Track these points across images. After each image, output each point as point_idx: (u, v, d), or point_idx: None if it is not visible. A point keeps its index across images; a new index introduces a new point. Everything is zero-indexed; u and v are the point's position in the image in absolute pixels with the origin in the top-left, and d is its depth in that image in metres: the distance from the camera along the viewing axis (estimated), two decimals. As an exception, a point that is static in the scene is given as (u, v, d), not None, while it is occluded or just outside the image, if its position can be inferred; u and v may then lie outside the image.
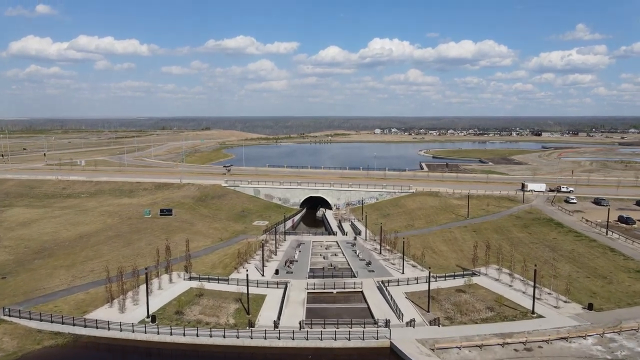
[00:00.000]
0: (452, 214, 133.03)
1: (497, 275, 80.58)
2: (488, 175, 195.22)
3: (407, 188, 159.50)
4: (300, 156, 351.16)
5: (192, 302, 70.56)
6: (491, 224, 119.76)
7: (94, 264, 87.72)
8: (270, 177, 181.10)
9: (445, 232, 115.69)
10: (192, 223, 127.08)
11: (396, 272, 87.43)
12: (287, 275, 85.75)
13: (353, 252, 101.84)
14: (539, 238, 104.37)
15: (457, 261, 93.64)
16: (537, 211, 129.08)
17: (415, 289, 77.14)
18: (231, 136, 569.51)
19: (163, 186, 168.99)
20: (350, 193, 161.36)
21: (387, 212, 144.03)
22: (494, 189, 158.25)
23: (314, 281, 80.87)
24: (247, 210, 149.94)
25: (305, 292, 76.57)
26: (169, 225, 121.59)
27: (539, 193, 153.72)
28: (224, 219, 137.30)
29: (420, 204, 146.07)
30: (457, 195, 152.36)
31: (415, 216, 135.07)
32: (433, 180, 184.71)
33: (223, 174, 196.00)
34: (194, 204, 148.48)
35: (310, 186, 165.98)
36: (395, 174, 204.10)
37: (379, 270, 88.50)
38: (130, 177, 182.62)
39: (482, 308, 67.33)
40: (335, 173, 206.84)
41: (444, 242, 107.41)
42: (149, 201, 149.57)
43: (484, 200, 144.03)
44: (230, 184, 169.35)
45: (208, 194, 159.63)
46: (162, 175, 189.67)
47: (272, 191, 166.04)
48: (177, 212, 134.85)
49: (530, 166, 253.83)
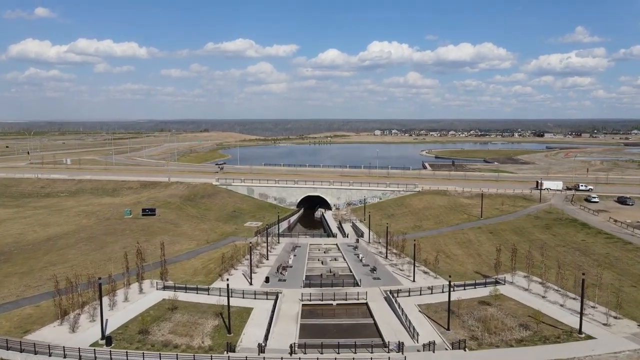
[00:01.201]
0: (463, 214, 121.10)
1: (525, 284, 68.51)
2: (498, 174, 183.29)
3: (412, 186, 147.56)
4: (298, 156, 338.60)
5: (162, 317, 58.47)
6: (508, 224, 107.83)
7: (56, 270, 75.46)
8: (265, 176, 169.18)
9: (457, 234, 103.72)
10: (177, 224, 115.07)
11: (406, 279, 75.37)
12: (279, 283, 73.70)
13: (355, 257, 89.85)
14: (565, 240, 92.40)
15: (475, 267, 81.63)
16: (558, 211, 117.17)
17: (430, 300, 65.07)
18: (229, 138, 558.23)
19: (149, 185, 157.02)
20: (351, 192, 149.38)
21: (391, 212, 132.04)
22: (506, 187, 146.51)
23: (310, 291, 68.84)
24: (239, 211, 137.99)
25: (299, 304, 64.54)
26: (150, 226, 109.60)
27: (556, 191, 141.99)
28: (212, 220, 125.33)
29: (427, 203, 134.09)
30: (467, 194, 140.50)
31: (422, 216, 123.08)
32: (440, 178, 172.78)
33: (215, 172, 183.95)
34: (181, 203, 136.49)
35: (308, 185, 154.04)
36: (398, 172, 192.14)
37: (385, 278, 76.43)
38: (115, 175, 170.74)
39: (514, 325, 55.23)
40: (334, 172, 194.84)
41: (457, 245, 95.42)
42: (133, 200, 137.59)
43: (496, 199, 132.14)
44: (222, 182, 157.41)
45: (197, 193, 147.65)
46: (150, 173, 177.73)
47: (267, 190, 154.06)
48: (161, 212, 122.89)
49: (538, 165, 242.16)
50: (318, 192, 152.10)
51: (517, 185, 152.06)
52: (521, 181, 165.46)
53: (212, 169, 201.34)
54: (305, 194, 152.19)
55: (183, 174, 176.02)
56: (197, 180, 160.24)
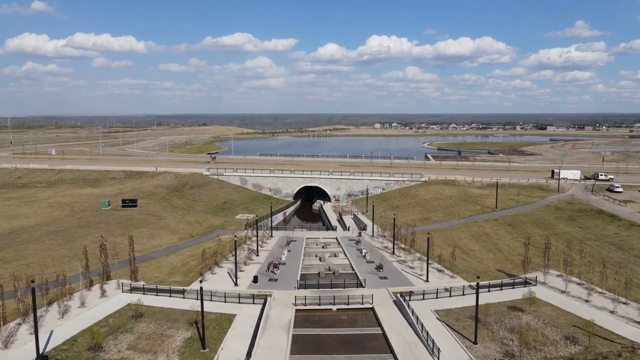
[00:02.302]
0: (475, 205, 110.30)
1: (561, 284, 57.81)
2: (509, 163, 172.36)
3: (418, 176, 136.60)
4: (297, 148, 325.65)
5: (123, 327, 47.69)
6: (527, 216, 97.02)
7: (9, 268, 64.68)
8: (260, 166, 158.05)
9: (471, 227, 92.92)
10: (160, 216, 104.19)
11: (417, 279, 64.62)
12: (269, 284, 62.91)
13: (358, 252, 79.06)
14: (595, 234, 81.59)
15: (497, 264, 70.88)
16: (580, 201, 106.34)
17: (448, 304, 54.34)
18: (227, 131, 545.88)
19: (135, 175, 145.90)
20: (352, 182, 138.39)
21: (396, 203, 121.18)
22: (519, 177, 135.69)
23: (306, 293, 58.08)
24: (231, 202, 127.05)
25: (292, 310, 53.79)
26: (130, 218, 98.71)
27: (574, 181, 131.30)
28: (200, 212, 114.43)
29: (435, 193, 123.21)
30: (477, 183, 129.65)
31: (430, 208, 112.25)
32: (446, 168, 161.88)
33: (207, 162, 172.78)
34: (168, 194, 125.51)
35: (306, 174, 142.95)
36: (402, 162, 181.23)
37: (394, 277, 65.67)
38: (99, 165, 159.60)
39: (559, 338, 44.53)
40: (334, 162, 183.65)
41: (473, 239, 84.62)
42: (115, 191, 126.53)
43: (510, 189, 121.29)
44: (213, 172, 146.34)
45: (186, 183, 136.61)
46: (137, 163, 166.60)
47: (262, 180, 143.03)
48: (144, 204, 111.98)
49: (546, 156, 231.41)
50: (316, 183, 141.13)
51: (529, 175, 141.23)
52: (534, 171, 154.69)
53: (204, 159, 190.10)
54: (302, 185, 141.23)
55: (173, 164, 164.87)
56: (187, 170, 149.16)
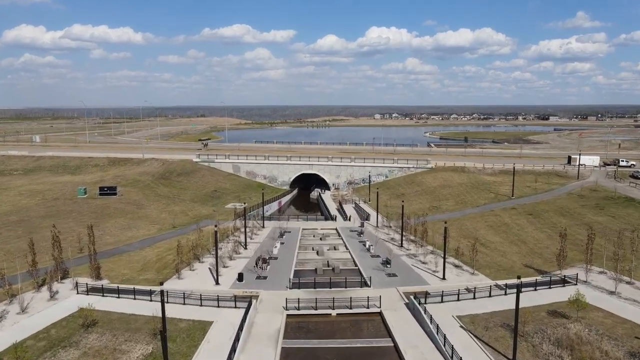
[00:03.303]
0: (489, 193, 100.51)
1: (609, 284, 48.11)
2: (521, 150, 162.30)
3: (424, 162, 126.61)
4: (295, 137, 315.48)
5: (66, 341, 37.92)
6: (549, 204, 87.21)
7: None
8: (255, 153, 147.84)
9: (487, 216, 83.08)
10: (141, 205, 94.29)
11: (432, 276, 54.83)
12: (256, 282, 53.12)
13: (361, 245, 69.25)
14: (631, 223, 71.61)
15: (522, 258, 61.11)
16: (605, 188, 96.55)
17: (473, 308, 44.59)
18: (225, 122, 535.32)
19: (119, 162, 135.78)
20: (353, 169, 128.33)
21: (401, 191, 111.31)
22: (533, 163, 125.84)
23: (300, 294, 48.35)
24: (222, 190, 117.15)
25: (282, 316, 44.05)
26: (106, 207, 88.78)
27: (593, 168, 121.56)
28: (187, 200, 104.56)
29: (443, 180, 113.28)
30: (488, 170, 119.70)
31: (439, 196, 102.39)
32: (452, 155, 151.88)
33: (198, 150, 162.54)
34: (153, 182, 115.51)
35: (303, 161, 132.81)
36: (406, 149, 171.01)
37: (404, 274, 55.85)
38: (82, 152, 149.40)
39: (621, 355, 34.83)
40: (333, 149, 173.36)
41: (491, 230, 74.80)
42: (96, 179, 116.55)
43: (525, 176, 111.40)
44: (204, 159, 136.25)
45: (174, 171, 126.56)
46: (124, 150, 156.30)
47: (256, 167, 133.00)
48: (125, 192, 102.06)
49: (553, 145, 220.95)
50: (314, 170, 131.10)
51: (543, 161, 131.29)
52: (547, 157, 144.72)
53: (196, 146, 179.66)
54: (299, 172, 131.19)
55: (162, 151, 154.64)
56: (176, 157, 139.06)
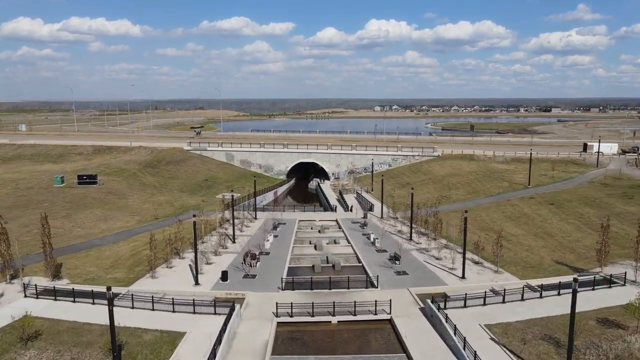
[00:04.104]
0: (502, 182, 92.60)
1: (664, 284, 40.15)
2: (532, 138, 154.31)
3: (430, 150, 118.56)
4: (294, 127, 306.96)
5: None
6: (570, 193, 79.27)
7: None
8: (250, 141, 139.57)
9: (504, 206, 75.12)
10: (123, 195, 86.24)
11: (449, 275, 46.90)
12: (243, 282, 45.18)
13: (365, 238, 61.30)
14: (668, 214, 63.90)
15: (552, 253, 53.17)
16: (629, 176, 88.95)
17: (504, 314, 36.67)
18: (224, 115, 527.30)
19: (105, 150, 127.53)
20: (354, 157, 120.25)
21: (406, 180, 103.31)
22: (546, 151, 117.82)
23: (293, 297, 40.46)
24: (213, 180, 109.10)
25: (272, 324, 36.12)
26: (82, 197, 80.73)
27: (612, 155, 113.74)
28: (175, 190, 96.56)
29: (452, 169, 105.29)
30: (499, 158, 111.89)
31: (448, 185, 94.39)
32: (459, 143, 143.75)
33: (191, 138, 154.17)
34: (139, 170, 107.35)
35: (301, 149, 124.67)
36: (410, 137, 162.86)
37: (416, 272, 47.90)
38: (67, 140, 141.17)
39: None
40: (333, 137, 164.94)
41: (510, 221, 66.80)
42: (79, 167, 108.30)
43: (539, 164, 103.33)
44: (195, 147, 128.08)
45: (162, 159, 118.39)
46: (111, 138, 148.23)
47: (250, 156, 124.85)
48: (108, 181, 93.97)
49: (559, 135, 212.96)
50: (313, 158, 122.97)
51: (556, 149, 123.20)
52: (560, 145, 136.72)
53: (189, 134, 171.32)
54: (297, 161, 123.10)
55: (152, 139, 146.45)
56: (165, 145, 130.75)
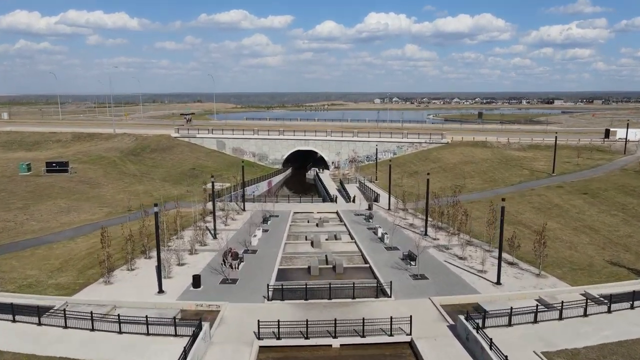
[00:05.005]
0: (521, 169, 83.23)
1: None
2: (547, 125, 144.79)
3: (438, 137, 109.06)
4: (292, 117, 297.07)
5: None
6: (604, 182, 69.87)
7: None
8: (243, 128, 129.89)
9: (529, 196, 65.62)
10: (96, 184, 76.69)
11: (479, 279, 37.36)
12: (220, 289, 35.59)
13: (371, 233, 51.80)
14: None
15: (601, 252, 43.70)
16: (665, 164, 79.46)
17: (566, 338, 27.20)
18: (222, 108, 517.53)
19: (86, 137, 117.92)
20: (356, 145, 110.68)
21: (413, 169, 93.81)
22: (566, 138, 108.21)
23: (283, 309, 30.95)
24: (201, 168, 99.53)
25: (252, 350, 26.63)
26: (48, 187, 71.19)
27: (638, 143, 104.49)
28: (157, 179, 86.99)
29: (464, 156, 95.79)
30: (515, 145, 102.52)
31: (462, 173, 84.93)
32: (468, 130, 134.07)
33: (181, 126, 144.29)
34: (120, 158, 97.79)
35: (298, 136, 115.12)
36: (415, 125, 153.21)
37: (437, 276, 38.33)
38: (46, 127, 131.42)
39: None
40: (333, 125, 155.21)
41: (540, 213, 57.27)
42: (54, 155, 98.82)
43: (559, 151, 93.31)
44: (184, 134, 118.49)
45: (147, 146, 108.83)
46: (95, 125, 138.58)
47: (243, 144, 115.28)
48: (83, 169, 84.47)
49: (567, 125, 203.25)
50: (311, 146, 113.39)
51: (573, 136, 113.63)
52: (577, 132, 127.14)
53: (180, 123, 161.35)
54: (293, 149, 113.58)
55: (138, 127, 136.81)
56: (152, 132, 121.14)
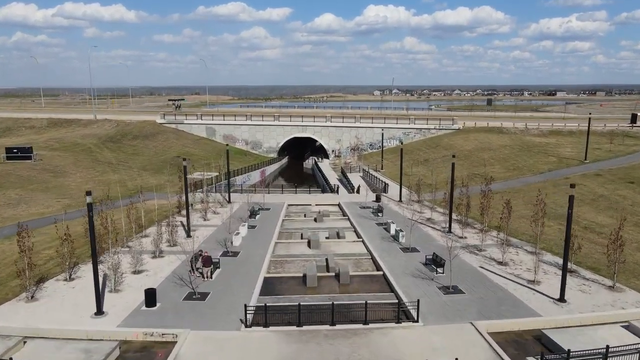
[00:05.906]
0: (547, 156, 73.92)
1: None
2: (565, 112, 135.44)
3: (449, 123, 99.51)
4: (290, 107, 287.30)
5: None
6: (648, 169, 60.63)
7: None
8: (235, 113, 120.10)
9: (564, 186, 56.11)
10: (62, 172, 67.12)
11: (532, 292, 27.86)
12: (181, 309, 25.99)
13: (382, 230, 42.26)
14: None
15: (679, 254, 34.40)
16: None
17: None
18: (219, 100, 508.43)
19: (63, 123, 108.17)
20: (358, 131, 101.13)
21: (423, 156, 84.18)
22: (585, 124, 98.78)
23: (266, 341, 21.42)
24: (187, 157, 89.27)
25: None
26: (4, 175, 61.60)
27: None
28: (135, 168, 77.41)
29: (479, 143, 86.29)
30: (534, 131, 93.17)
31: (479, 161, 75.45)
32: (479, 117, 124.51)
33: (168, 112, 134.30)
34: (97, 145, 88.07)
35: (295, 122, 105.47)
36: (421, 112, 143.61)
37: (476, 288, 28.75)
38: (21, 113, 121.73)
39: None
40: (332, 112, 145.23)
41: (585, 206, 48.08)
42: (24, 142, 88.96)
43: (582, 137, 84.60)
44: (170, 119, 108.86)
45: (128, 133, 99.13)
46: (75, 112, 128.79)
47: (235, 130, 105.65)
48: (51, 156, 74.88)
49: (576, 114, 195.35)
50: (309, 132, 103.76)
51: (597, 122, 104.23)
52: (597, 118, 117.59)
53: (168, 110, 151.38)
54: (290, 136, 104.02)
55: (121, 113, 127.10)
56: (135, 118, 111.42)
